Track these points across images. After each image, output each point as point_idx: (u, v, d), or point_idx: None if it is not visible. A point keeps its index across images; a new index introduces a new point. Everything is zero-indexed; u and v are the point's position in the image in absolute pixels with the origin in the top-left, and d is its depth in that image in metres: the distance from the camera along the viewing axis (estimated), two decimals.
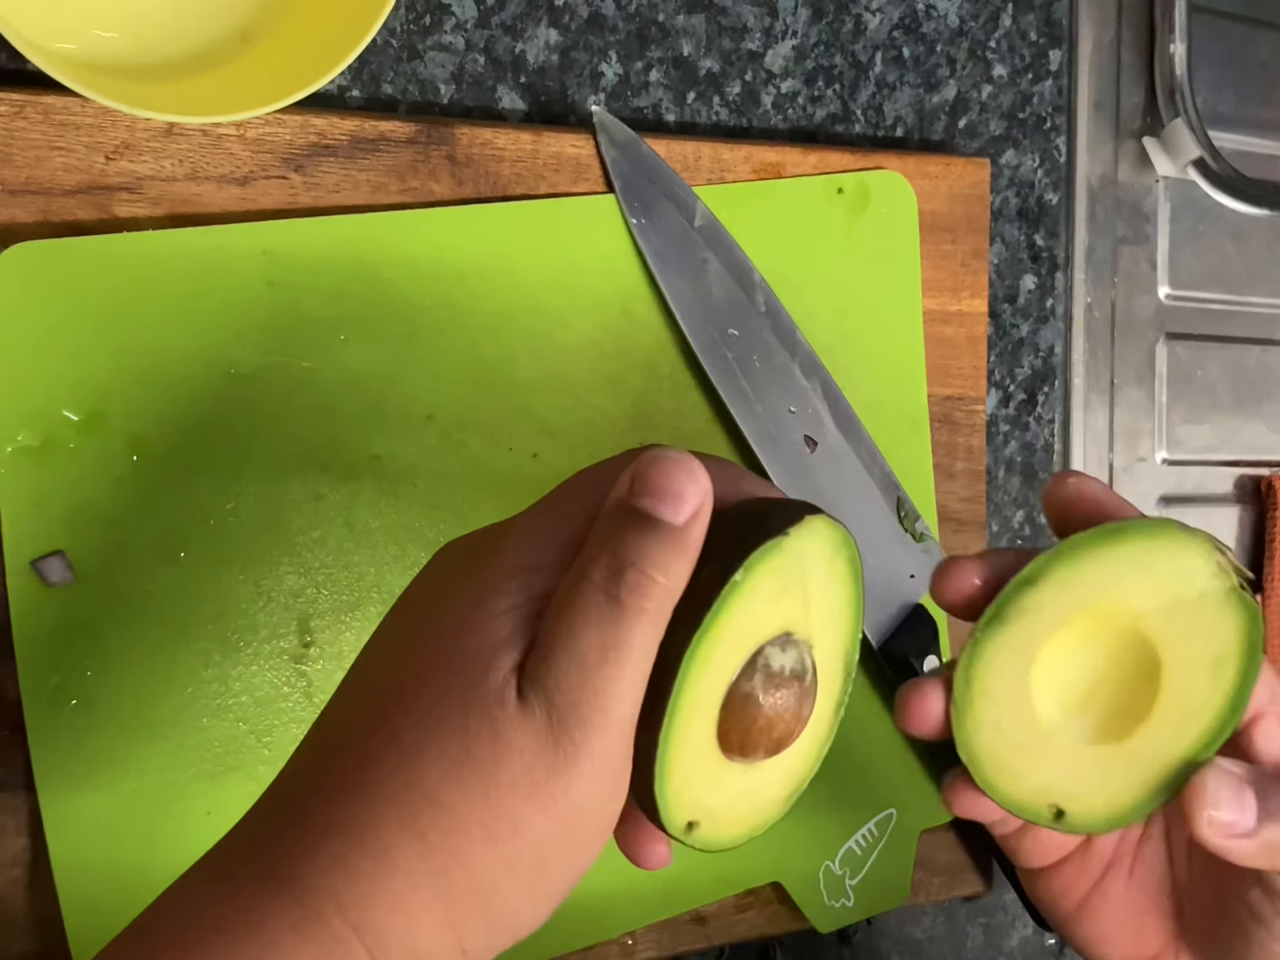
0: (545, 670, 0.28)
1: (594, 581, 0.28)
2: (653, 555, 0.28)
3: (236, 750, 0.45)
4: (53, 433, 0.43)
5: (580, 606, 0.28)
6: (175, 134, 0.45)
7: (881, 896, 0.57)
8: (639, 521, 0.29)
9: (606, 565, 0.29)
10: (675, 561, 0.29)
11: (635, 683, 0.28)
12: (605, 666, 0.28)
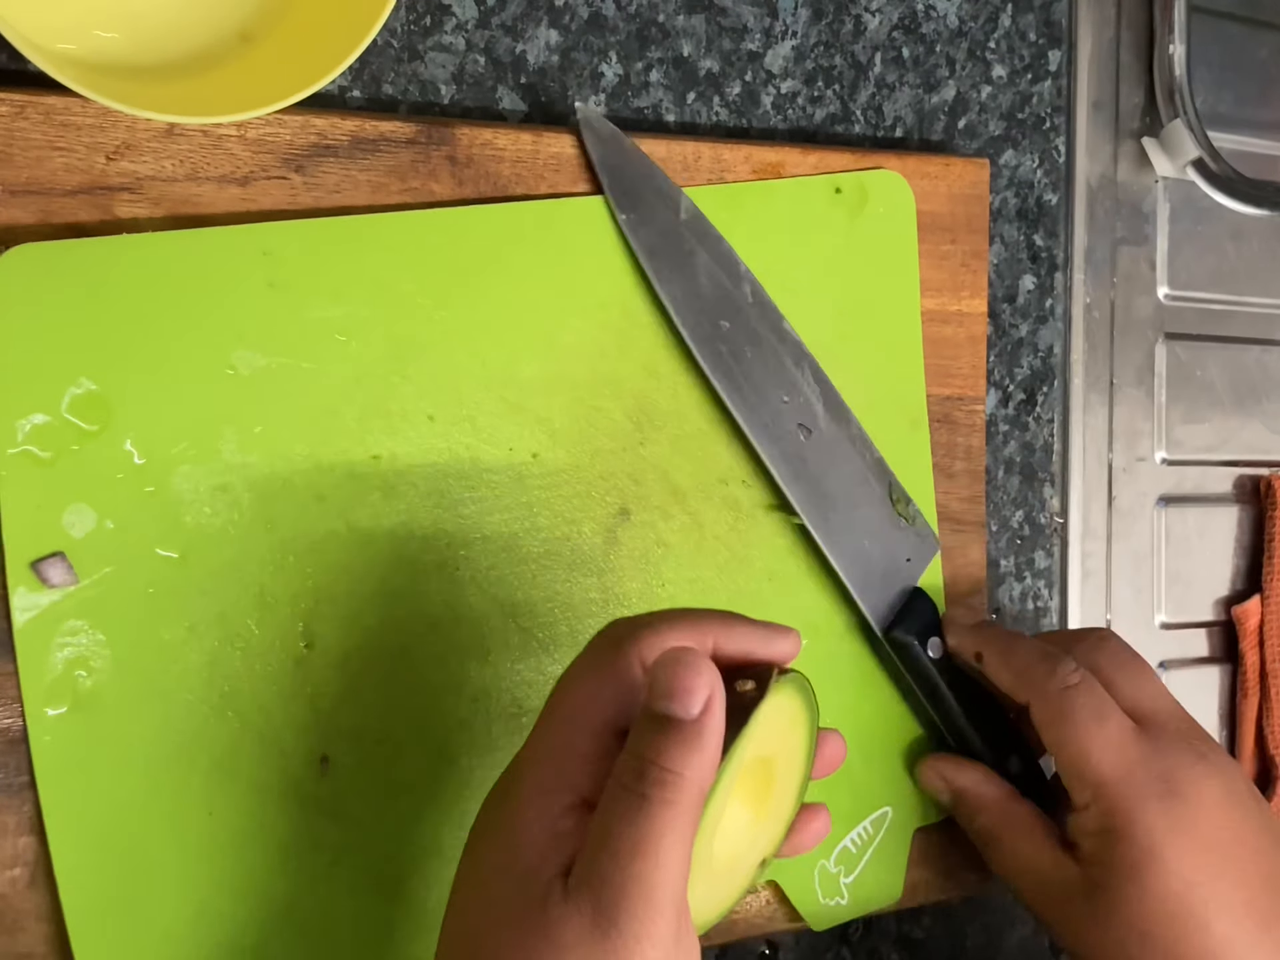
0: (588, 868, 0.31)
1: (624, 785, 0.32)
2: (670, 751, 0.32)
3: (237, 752, 0.45)
4: (53, 434, 0.43)
5: (613, 808, 0.32)
6: (175, 134, 0.45)
7: (875, 895, 0.57)
8: (657, 723, 0.33)
9: (631, 768, 0.32)
10: (692, 754, 0.32)
11: (672, 867, 0.31)
12: (639, 858, 0.31)
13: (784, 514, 0.54)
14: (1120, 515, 0.68)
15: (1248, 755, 0.70)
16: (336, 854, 0.46)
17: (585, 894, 0.31)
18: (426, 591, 0.48)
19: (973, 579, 0.61)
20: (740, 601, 0.54)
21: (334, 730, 0.47)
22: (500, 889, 0.32)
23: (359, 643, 0.47)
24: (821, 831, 0.42)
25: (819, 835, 0.42)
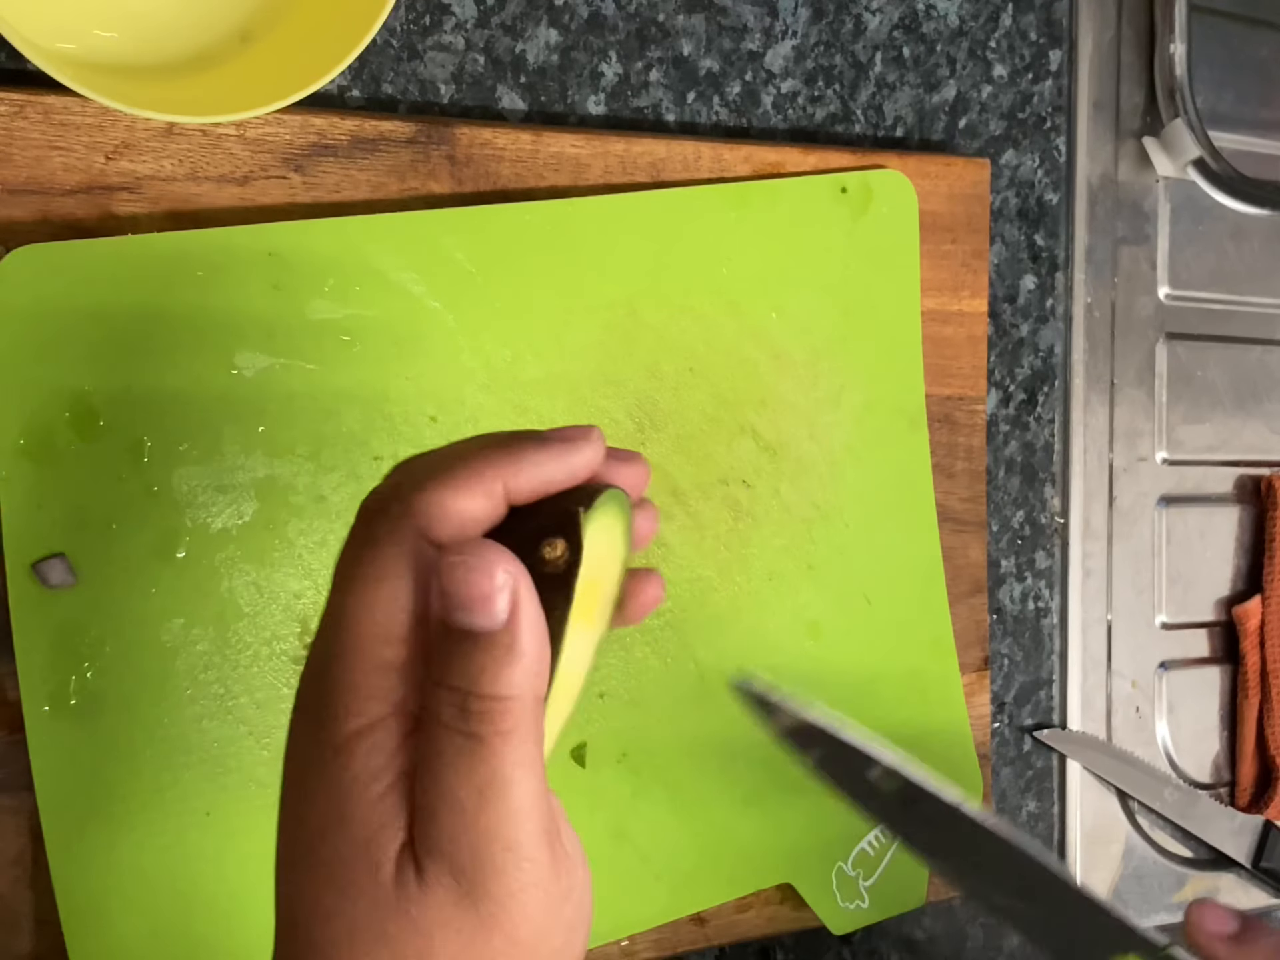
0: (434, 835, 0.26)
1: (446, 724, 0.27)
2: (488, 673, 0.27)
3: (235, 751, 0.45)
4: (54, 435, 0.43)
5: (443, 756, 0.27)
6: (175, 134, 0.45)
7: (898, 898, 0.57)
8: (460, 640, 0.27)
9: (450, 702, 0.27)
10: (513, 669, 0.27)
11: (527, 803, 0.27)
12: (488, 806, 0.26)
13: None
14: (1121, 515, 0.68)
15: (1248, 756, 0.70)
16: None
17: (441, 865, 0.26)
18: None
19: (973, 579, 0.61)
20: (740, 601, 0.54)
21: None
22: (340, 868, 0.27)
23: None
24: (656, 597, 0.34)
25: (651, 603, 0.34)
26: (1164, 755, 0.69)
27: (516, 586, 0.27)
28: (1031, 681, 0.65)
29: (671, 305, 0.53)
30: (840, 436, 0.57)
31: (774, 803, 0.55)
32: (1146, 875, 0.67)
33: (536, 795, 0.27)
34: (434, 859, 0.26)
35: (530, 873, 0.27)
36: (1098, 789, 0.66)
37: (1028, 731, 0.65)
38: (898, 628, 0.58)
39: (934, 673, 0.59)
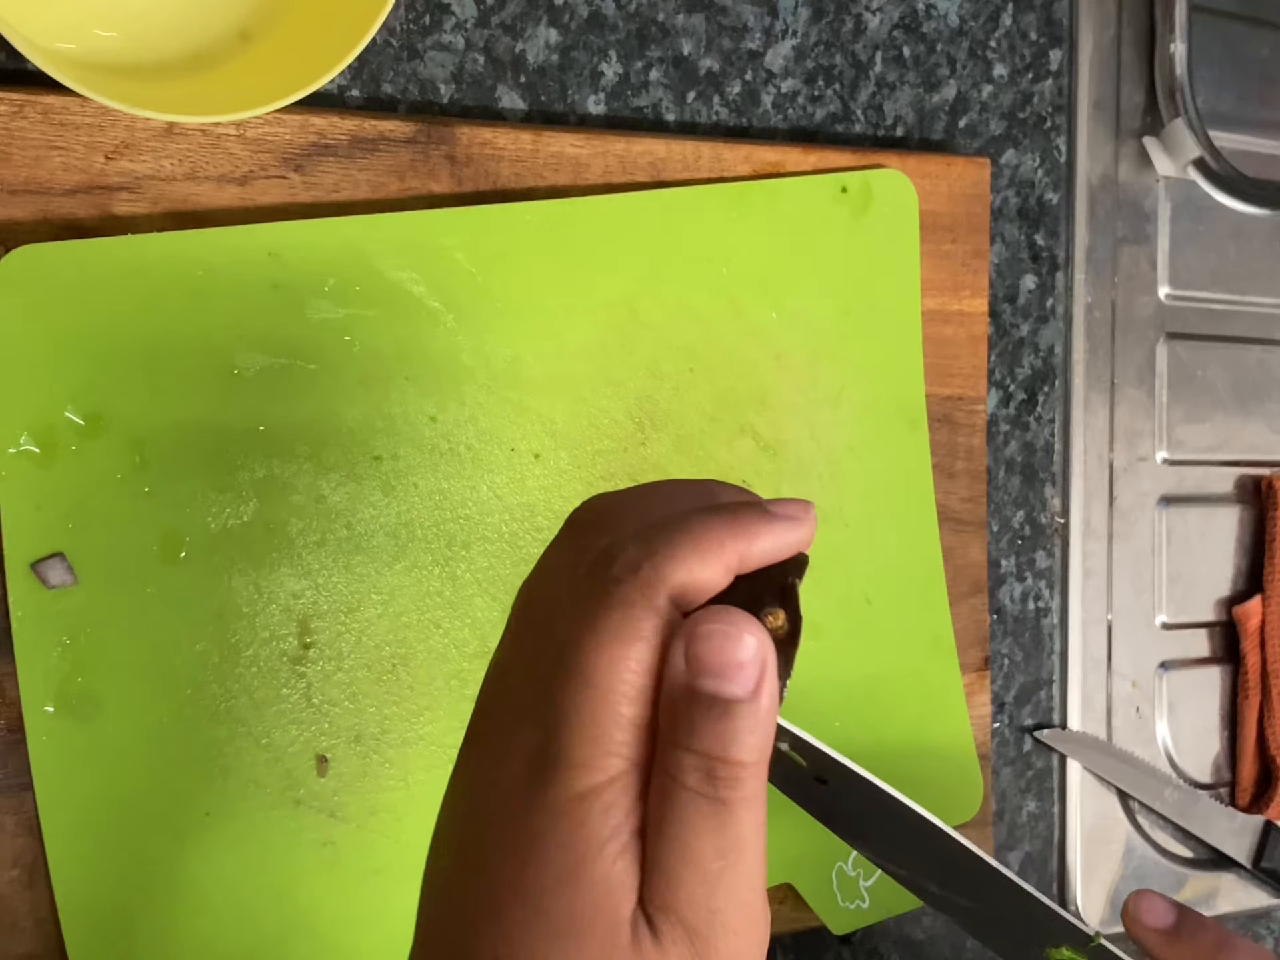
0: (671, 896, 0.27)
1: (690, 788, 0.28)
2: (736, 740, 0.28)
3: (235, 752, 0.45)
4: (54, 435, 0.43)
5: (685, 819, 0.27)
6: (175, 134, 0.45)
7: (898, 898, 0.57)
8: (708, 705, 0.28)
9: (695, 767, 0.28)
10: (758, 735, 0.28)
11: (760, 863, 0.28)
12: (728, 870, 0.28)
13: None
14: (1121, 515, 0.68)
15: (1249, 756, 0.70)
16: (335, 853, 0.46)
17: (677, 927, 0.27)
18: (426, 591, 0.48)
19: (973, 579, 0.61)
20: None
21: (332, 729, 0.46)
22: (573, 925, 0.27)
23: (357, 642, 0.47)
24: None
25: None
26: (1164, 755, 0.69)
27: (765, 656, 0.29)
28: (1031, 681, 0.65)
29: (671, 305, 0.53)
30: (840, 436, 0.56)
31: (774, 803, 0.54)
32: (1146, 875, 0.67)
33: (764, 857, 0.29)
34: (669, 920, 0.27)
35: (758, 929, 0.28)
36: (1098, 789, 0.66)
37: (1028, 731, 0.65)
38: (898, 628, 0.58)
39: (934, 673, 0.59)
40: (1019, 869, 0.65)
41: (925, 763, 0.58)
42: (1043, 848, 0.66)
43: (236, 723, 0.45)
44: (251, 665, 0.45)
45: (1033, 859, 0.65)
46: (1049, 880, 0.66)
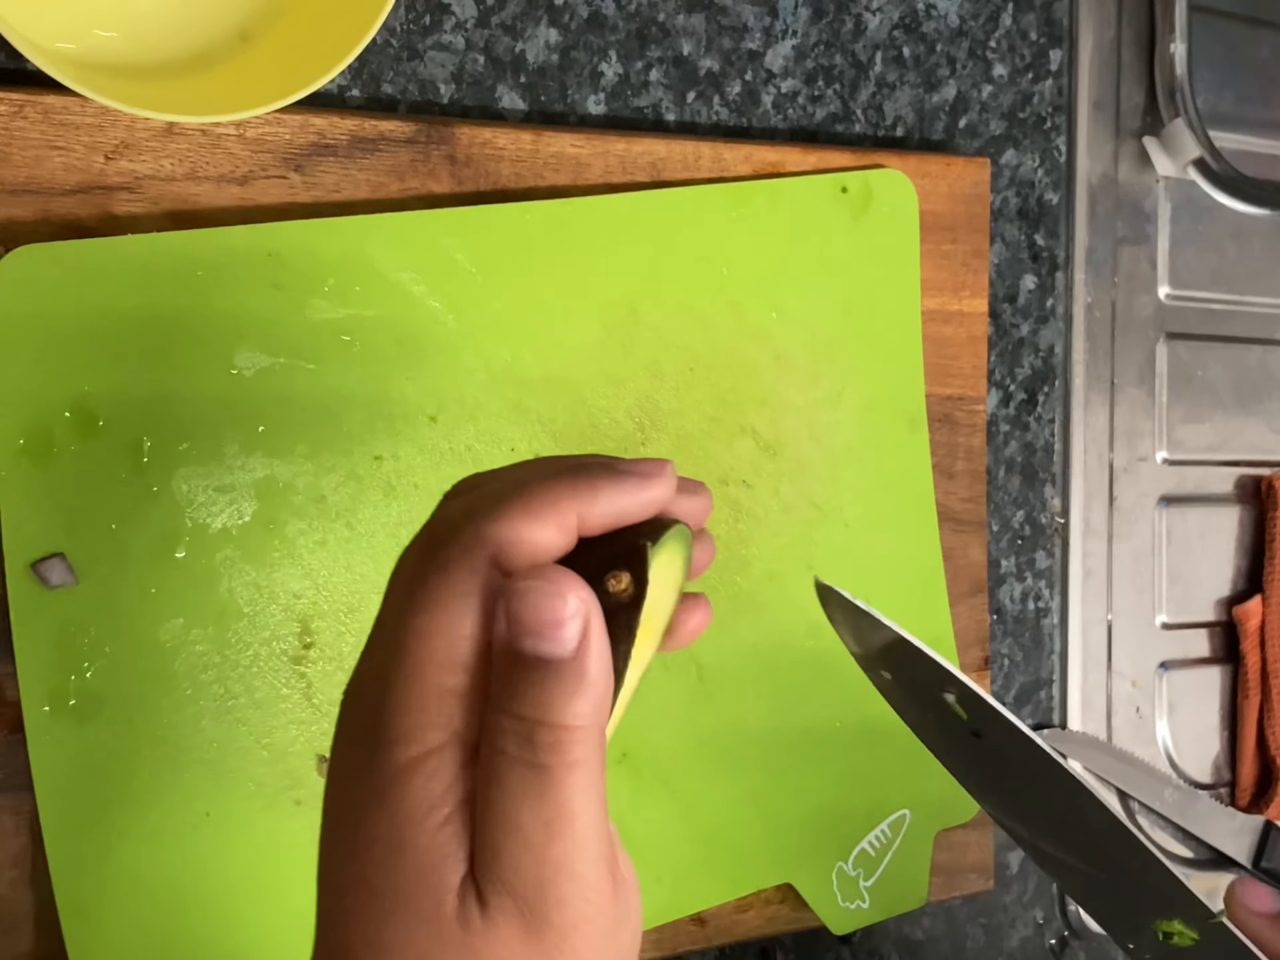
0: (498, 866, 0.26)
1: (510, 754, 0.26)
2: (556, 702, 0.26)
3: (235, 751, 0.45)
4: (54, 435, 0.43)
5: (507, 786, 0.26)
6: (175, 134, 0.45)
7: (898, 898, 0.57)
8: (528, 667, 0.26)
9: (515, 731, 0.26)
10: (581, 698, 0.26)
11: (593, 833, 0.27)
12: (555, 839, 0.26)
13: None
14: (1121, 515, 0.68)
15: (1248, 756, 0.70)
16: None
17: (504, 897, 0.26)
18: None
19: (973, 579, 0.61)
20: (740, 601, 0.54)
21: (332, 729, 0.46)
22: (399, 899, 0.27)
23: (358, 642, 0.47)
24: (702, 623, 0.35)
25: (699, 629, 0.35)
26: (1164, 755, 0.69)
27: (588, 614, 0.27)
28: (1031, 681, 0.65)
29: (671, 305, 0.53)
30: (840, 436, 0.56)
31: (774, 803, 0.55)
32: None
33: (600, 825, 0.27)
34: (497, 891, 0.26)
35: (594, 903, 0.26)
36: (1097, 789, 0.66)
37: None
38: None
39: None
40: (1019, 869, 0.65)
41: (926, 763, 0.58)
42: None
43: (237, 723, 0.45)
44: (252, 665, 0.45)
45: None
46: (1049, 880, 0.66)
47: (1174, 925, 0.40)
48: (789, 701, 0.54)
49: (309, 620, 0.46)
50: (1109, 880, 0.39)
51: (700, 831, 0.53)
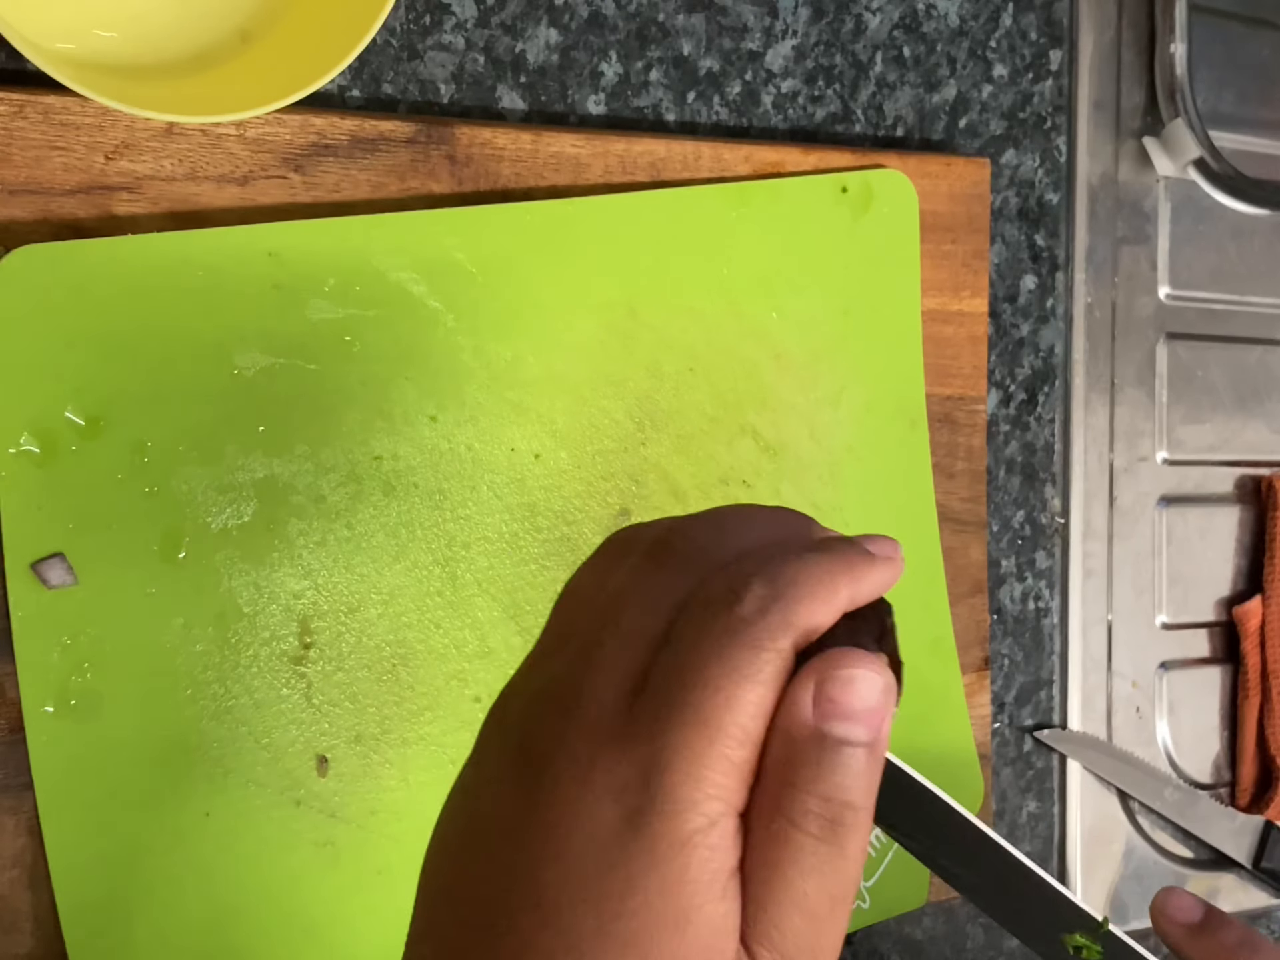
0: (779, 936, 0.27)
1: (809, 833, 0.27)
2: (859, 785, 0.27)
3: (235, 752, 0.45)
4: (54, 435, 0.43)
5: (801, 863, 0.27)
6: (175, 134, 0.45)
7: (899, 898, 0.57)
8: (834, 751, 0.27)
9: (818, 812, 0.27)
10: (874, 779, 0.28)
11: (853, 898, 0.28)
12: (835, 916, 0.27)
13: None
14: (1121, 515, 0.68)
15: (1249, 756, 0.70)
16: (335, 854, 0.46)
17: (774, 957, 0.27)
18: (427, 591, 0.48)
19: (973, 579, 0.61)
20: None
21: (332, 729, 0.46)
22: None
23: (357, 642, 0.47)
24: None
25: None
26: (1164, 755, 0.69)
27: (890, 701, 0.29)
28: (1032, 681, 0.65)
29: (671, 305, 0.53)
30: (840, 436, 0.56)
31: None
32: (1146, 875, 0.67)
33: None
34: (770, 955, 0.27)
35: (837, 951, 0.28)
36: (1098, 789, 0.66)
37: (1028, 731, 0.65)
38: (898, 627, 0.58)
39: (934, 673, 0.59)
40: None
41: (925, 763, 0.58)
42: (1043, 848, 0.66)
43: (237, 723, 0.45)
44: (252, 665, 0.45)
45: (1033, 859, 0.65)
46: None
47: (1076, 939, 0.40)
48: None
49: (309, 620, 0.46)
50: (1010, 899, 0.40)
51: None
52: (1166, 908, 0.48)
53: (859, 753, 0.28)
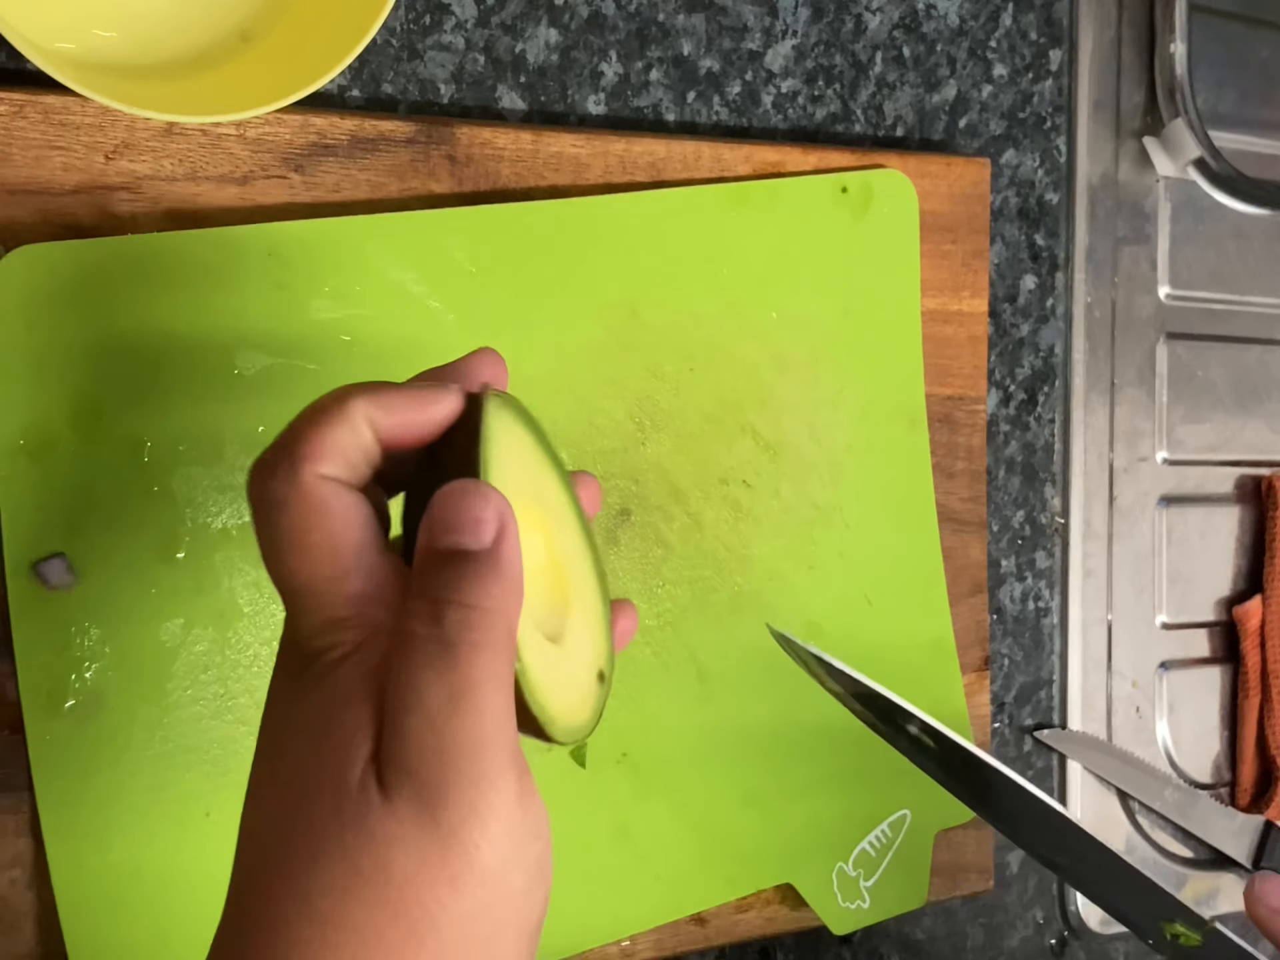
0: (399, 746, 0.26)
1: (419, 633, 0.27)
2: (468, 585, 0.27)
3: (235, 751, 0.45)
4: (54, 435, 0.43)
5: (413, 662, 0.26)
6: (175, 134, 0.45)
7: (899, 898, 0.57)
8: (445, 560, 0.27)
9: (427, 613, 0.27)
10: (493, 583, 0.27)
11: (497, 719, 0.26)
12: (458, 714, 0.26)
13: None
14: (1121, 515, 0.68)
15: (1249, 756, 0.70)
16: None
17: (404, 776, 0.25)
18: None
19: (973, 579, 0.61)
20: (740, 601, 0.54)
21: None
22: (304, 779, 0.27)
23: None
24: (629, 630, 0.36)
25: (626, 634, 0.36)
26: (1164, 755, 0.69)
27: (504, 513, 0.28)
28: (1031, 681, 0.65)
29: (671, 305, 0.53)
30: (840, 436, 0.56)
31: (774, 803, 0.55)
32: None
33: (505, 715, 0.27)
34: (397, 770, 0.26)
35: (494, 793, 0.26)
36: (1098, 789, 0.66)
37: (1028, 731, 0.65)
38: (898, 628, 0.58)
39: (934, 673, 0.59)
40: (1020, 868, 0.65)
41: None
42: None
43: (237, 723, 0.45)
44: (252, 665, 0.45)
45: (1033, 859, 0.65)
46: (1049, 880, 0.66)
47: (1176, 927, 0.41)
48: (789, 701, 0.54)
49: None
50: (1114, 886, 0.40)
51: (700, 831, 0.53)
52: (1263, 894, 0.48)
53: (468, 557, 0.27)
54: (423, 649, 0.26)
